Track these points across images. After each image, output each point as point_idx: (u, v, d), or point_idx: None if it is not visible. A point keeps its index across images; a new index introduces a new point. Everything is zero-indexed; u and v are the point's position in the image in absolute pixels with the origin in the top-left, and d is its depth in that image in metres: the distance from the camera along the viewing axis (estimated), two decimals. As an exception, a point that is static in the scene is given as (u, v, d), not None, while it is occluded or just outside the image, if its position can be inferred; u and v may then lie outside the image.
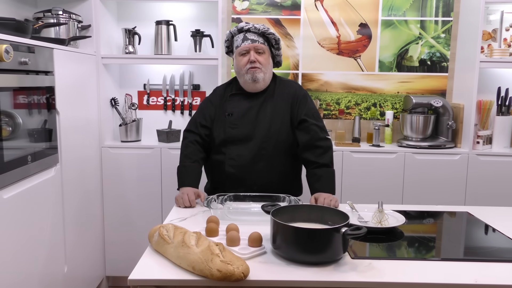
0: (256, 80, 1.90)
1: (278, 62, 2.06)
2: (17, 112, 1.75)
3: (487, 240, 1.52)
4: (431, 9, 2.92)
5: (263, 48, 1.92)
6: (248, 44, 1.90)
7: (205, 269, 1.14)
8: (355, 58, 2.98)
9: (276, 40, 1.97)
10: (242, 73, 1.92)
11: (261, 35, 1.92)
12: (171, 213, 1.71)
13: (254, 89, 1.95)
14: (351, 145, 2.80)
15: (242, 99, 1.98)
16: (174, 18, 2.89)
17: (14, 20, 1.83)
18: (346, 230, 1.22)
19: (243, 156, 1.91)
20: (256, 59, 1.89)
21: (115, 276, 2.84)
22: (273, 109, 1.95)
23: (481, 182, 2.68)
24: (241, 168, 1.90)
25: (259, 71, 1.89)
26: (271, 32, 1.94)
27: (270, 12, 2.95)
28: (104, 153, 2.70)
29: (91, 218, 2.54)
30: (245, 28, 1.92)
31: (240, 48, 1.91)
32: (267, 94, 1.98)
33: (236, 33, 1.96)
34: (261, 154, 1.91)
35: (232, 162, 1.92)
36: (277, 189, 1.87)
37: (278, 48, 1.99)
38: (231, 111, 1.96)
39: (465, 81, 2.79)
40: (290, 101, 1.97)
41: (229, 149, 1.93)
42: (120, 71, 3.00)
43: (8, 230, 1.65)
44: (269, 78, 1.98)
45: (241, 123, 1.93)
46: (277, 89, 2.00)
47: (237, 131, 1.93)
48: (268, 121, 1.93)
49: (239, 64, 1.93)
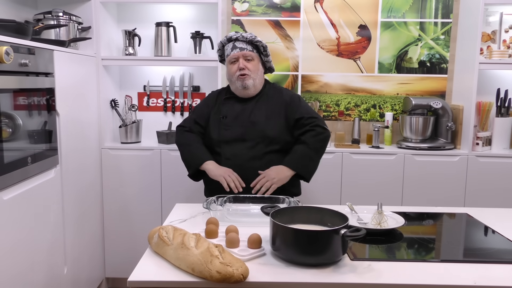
0: (246, 87, 2.00)
1: (270, 68, 2.14)
2: (17, 114, 1.76)
3: (487, 242, 1.52)
4: (431, 10, 2.93)
5: (252, 55, 2.01)
6: (237, 52, 2.00)
7: (204, 270, 1.14)
8: (355, 60, 2.98)
9: (264, 47, 2.06)
10: (233, 80, 2.03)
11: (249, 43, 2.03)
12: (171, 215, 1.71)
13: (245, 95, 2.05)
14: (351, 146, 2.80)
15: (235, 102, 2.06)
16: (174, 19, 2.90)
17: (15, 22, 1.83)
18: (345, 232, 1.22)
19: (238, 155, 1.97)
20: (245, 66, 1.98)
21: (115, 277, 2.84)
22: (267, 111, 2.02)
23: (480, 183, 2.68)
24: (236, 168, 1.95)
25: (248, 78, 1.99)
26: (258, 40, 2.03)
27: (270, 14, 2.95)
28: (104, 155, 2.70)
29: (90, 220, 2.54)
30: (233, 37, 2.03)
31: (230, 56, 2.02)
32: (260, 97, 2.06)
33: (226, 43, 2.07)
34: (256, 154, 1.97)
35: (228, 162, 1.97)
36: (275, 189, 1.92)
37: (267, 54, 2.08)
38: (225, 113, 2.04)
39: (464, 83, 2.80)
40: (284, 105, 2.04)
41: (225, 150, 1.99)
42: (120, 72, 3.00)
43: (8, 231, 1.65)
44: (260, 83, 2.07)
45: (234, 124, 2.01)
46: (270, 92, 2.08)
47: (230, 132, 2.00)
48: (261, 122, 2.00)
49: (229, 71, 2.03)
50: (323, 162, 2.67)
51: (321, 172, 2.66)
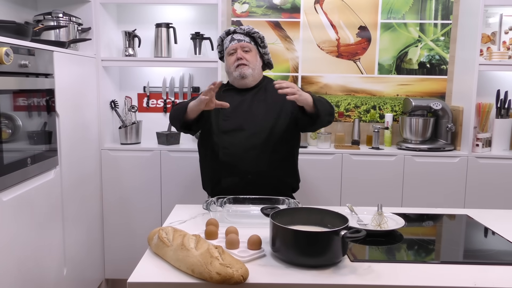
0: (245, 76, 2.02)
1: (269, 64, 2.15)
2: (17, 115, 1.75)
3: (487, 243, 1.52)
4: (430, 12, 2.93)
5: (249, 46, 2.05)
6: (235, 44, 2.04)
7: (204, 272, 1.14)
8: (355, 61, 2.98)
9: (261, 38, 2.09)
10: (231, 71, 2.05)
11: (247, 35, 2.07)
12: (171, 216, 1.71)
13: (243, 85, 2.06)
14: (351, 147, 2.80)
15: (234, 94, 2.08)
16: (174, 20, 2.90)
17: (14, 23, 1.83)
18: (345, 233, 1.22)
19: (236, 145, 1.98)
20: (242, 56, 2.02)
21: (115, 278, 2.84)
22: (266, 102, 2.04)
23: (480, 184, 2.68)
24: (234, 157, 1.97)
25: (246, 68, 2.02)
26: (255, 31, 2.07)
27: (270, 15, 2.96)
28: (103, 156, 2.70)
29: (90, 221, 2.54)
30: (231, 31, 2.08)
31: (228, 48, 2.06)
32: (259, 89, 2.08)
33: (224, 37, 2.11)
34: (254, 144, 1.97)
35: (225, 151, 1.98)
36: (270, 177, 1.97)
37: (264, 46, 2.11)
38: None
39: (464, 84, 2.80)
40: (286, 100, 1.99)
41: (223, 139, 2.00)
42: (120, 73, 3.00)
43: (7, 232, 1.65)
44: (258, 74, 2.09)
45: (233, 115, 2.02)
46: (269, 85, 2.08)
47: (229, 122, 2.01)
48: (260, 113, 2.01)
49: (228, 63, 2.07)
50: (323, 163, 2.68)
51: (321, 173, 2.67)
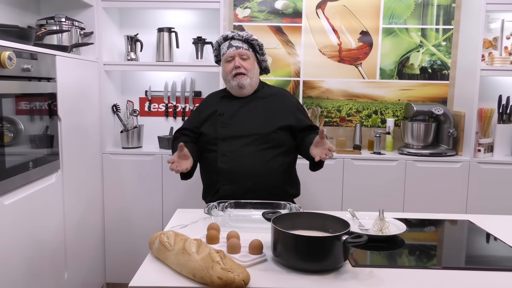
0: (243, 87, 1.99)
1: (266, 69, 2.14)
2: (19, 118, 1.76)
3: (489, 249, 1.52)
4: (432, 17, 2.94)
5: (247, 54, 2.01)
6: (233, 51, 1.99)
7: (205, 276, 1.14)
8: (356, 66, 2.99)
9: (260, 46, 2.05)
10: (228, 79, 2.02)
11: (245, 42, 2.02)
12: (172, 220, 1.71)
13: (241, 94, 2.04)
14: (352, 152, 2.80)
15: (232, 100, 2.06)
16: (176, 25, 2.91)
17: (17, 27, 1.84)
18: (347, 238, 1.22)
19: (235, 152, 1.97)
20: (240, 64, 1.97)
21: (116, 282, 2.83)
22: (264, 109, 2.02)
23: (482, 190, 2.68)
24: (233, 164, 1.95)
25: (245, 77, 1.98)
26: (254, 38, 2.03)
27: (272, 20, 2.96)
28: (105, 160, 2.70)
29: (91, 225, 2.54)
30: (229, 36, 2.02)
31: (226, 55, 2.01)
32: (257, 95, 2.06)
33: (222, 42, 2.06)
34: (252, 151, 1.96)
35: (224, 159, 1.97)
36: (270, 185, 1.95)
37: (263, 53, 2.07)
38: (222, 111, 2.04)
39: (466, 89, 2.80)
40: (286, 107, 2.04)
41: (221, 146, 1.99)
42: (122, 77, 3.01)
43: (8, 236, 1.65)
44: (256, 82, 2.06)
45: (231, 122, 2.01)
46: (267, 92, 2.09)
47: (227, 130, 2.00)
48: (258, 120, 2.00)
49: (225, 70, 2.02)
50: (325, 167, 2.67)
51: (323, 178, 2.66)
